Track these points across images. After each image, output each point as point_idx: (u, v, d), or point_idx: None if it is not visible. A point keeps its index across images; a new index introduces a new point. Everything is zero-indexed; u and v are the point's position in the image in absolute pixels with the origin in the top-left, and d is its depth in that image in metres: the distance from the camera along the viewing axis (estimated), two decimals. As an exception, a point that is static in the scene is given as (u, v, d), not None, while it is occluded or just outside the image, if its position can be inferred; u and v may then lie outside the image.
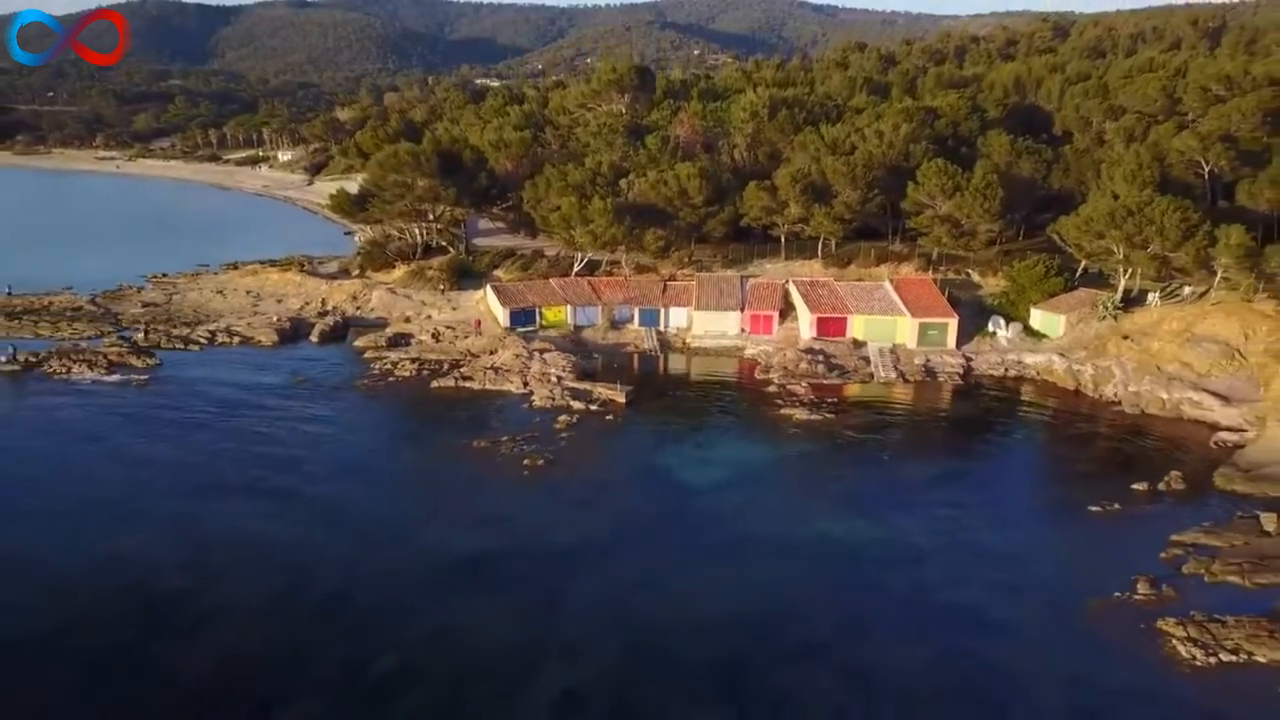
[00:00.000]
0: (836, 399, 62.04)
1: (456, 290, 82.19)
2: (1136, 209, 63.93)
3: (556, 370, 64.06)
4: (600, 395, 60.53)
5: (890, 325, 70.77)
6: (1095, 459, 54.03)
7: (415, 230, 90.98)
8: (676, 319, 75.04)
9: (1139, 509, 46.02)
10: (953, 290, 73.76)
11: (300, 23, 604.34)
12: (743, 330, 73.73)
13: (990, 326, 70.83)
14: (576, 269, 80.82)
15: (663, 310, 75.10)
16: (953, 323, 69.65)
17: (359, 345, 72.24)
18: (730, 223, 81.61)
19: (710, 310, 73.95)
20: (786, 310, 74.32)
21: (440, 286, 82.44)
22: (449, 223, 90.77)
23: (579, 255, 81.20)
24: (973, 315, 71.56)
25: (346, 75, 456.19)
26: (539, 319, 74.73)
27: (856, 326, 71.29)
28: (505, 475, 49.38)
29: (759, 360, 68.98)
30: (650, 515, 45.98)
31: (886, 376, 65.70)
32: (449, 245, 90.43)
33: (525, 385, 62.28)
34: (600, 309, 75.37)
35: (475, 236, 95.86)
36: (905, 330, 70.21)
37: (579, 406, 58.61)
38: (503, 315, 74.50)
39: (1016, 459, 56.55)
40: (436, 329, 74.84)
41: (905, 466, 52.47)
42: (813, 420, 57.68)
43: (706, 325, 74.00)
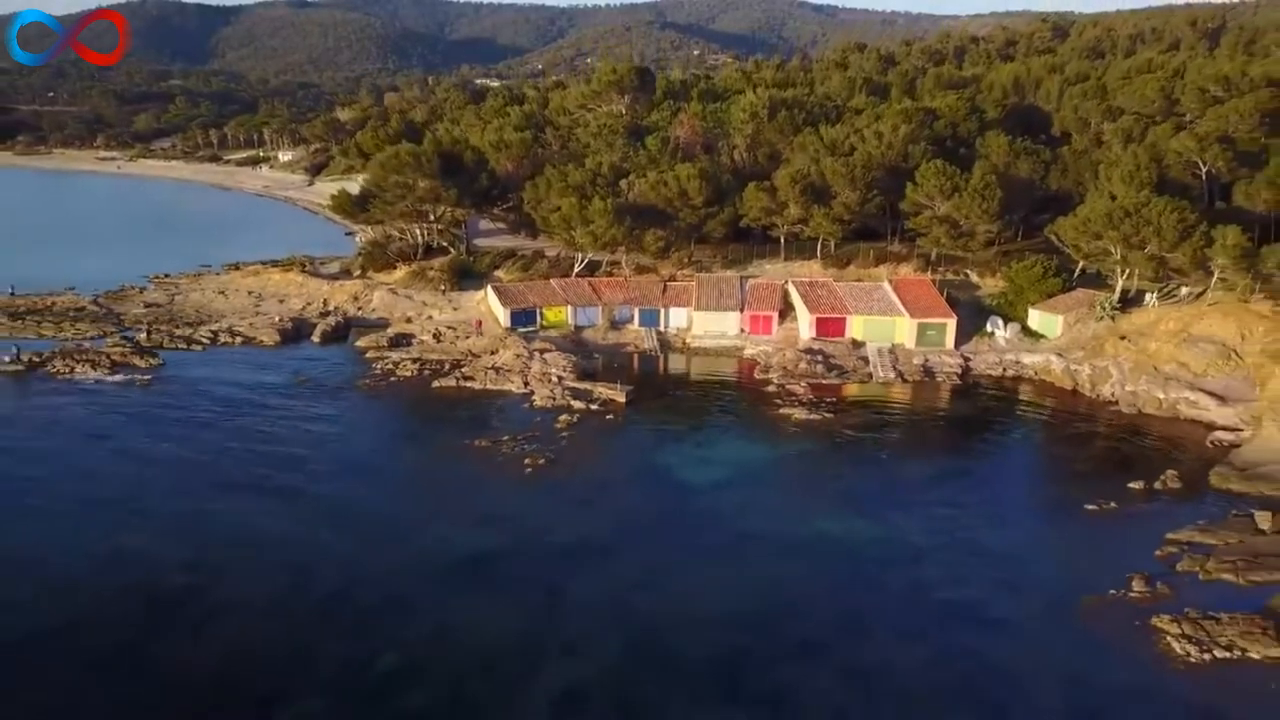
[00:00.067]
0: (835, 399, 62.39)
1: (457, 291, 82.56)
2: (1134, 210, 64.20)
3: (557, 370, 64.43)
4: (601, 395, 60.89)
5: (889, 325, 71.12)
6: (1092, 458, 54.38)
7: (416, 231, 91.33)
8: (676, 319, 75.38)
9: (1135, 508, 46.37)
10: (951, 291, 74.14)
11: (300, 23, 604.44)
12: (742, 330, 74.07)
13: (988, 327, 71.17)
14: (577, 269, 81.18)
15: (663, 310, 75.44)
16: (951, 323, 70.02)
17: (360, 345, 72.58)
18: (730, 223, 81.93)
19: (710, 310, 74.31)
20: (786, 310, 74.67)
21: (441, 287, 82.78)
22: (450, 223, 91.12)
23: (579, 256, 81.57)
24: (971, 315, 71.92)
25: (347, 75, 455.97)
26: (539, 319, 75.09)
27: (855, 327, 71.64)
28: (506, 474, 49.75)
29: (758, 360, 69.33)
30: (650, 514, 46.35)
31: (885, 376, 66.06)
32: (450, 246, 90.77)
33: (526, 385, 62.64)
34: (600, 309, 75.73)
35: (476, 237, 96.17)
36: (904, 330, 70.55)
37: (579, 406, 58.98)
38: (503, 315, 74.87)
39: (1014, 458, 56.93)
40: (438, 329, 75.20)
41: (904, 466, 52.89)
42: (812, 420, 58.05)
43: (706, 325, 74.36)
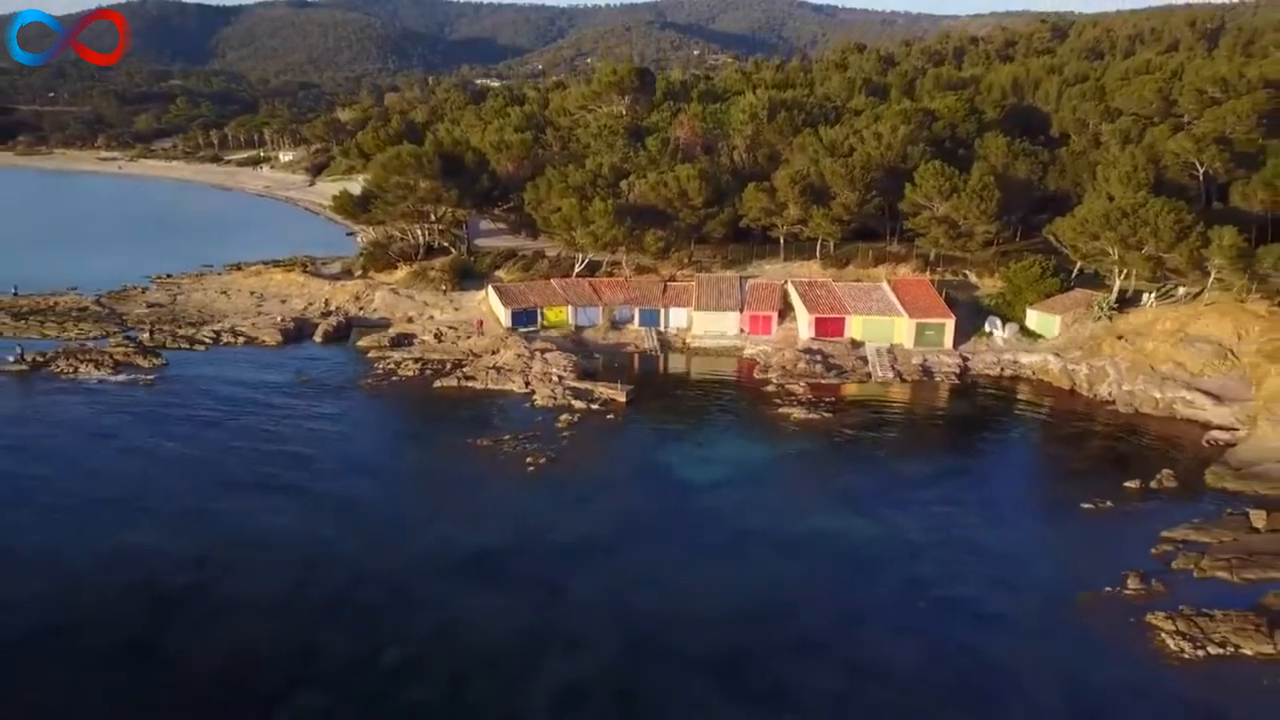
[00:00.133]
0: (834, 398, 62.78)
1: (458, 291, 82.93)
2: (1131, 210, 64.55)
3: (558, 370, 64.82)
4: (601, 395, 61.28)
5: (888, 325, 71.50)
6: (1089, 457, 54.85)
7: (417, 231, 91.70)
8: (676, 319, 75.76)
9: (1131, 506, 46.78)
10: (950, 291, 74.52)
11: (300, 23, 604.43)
12: (742, 330, 74.45)
13: (987, 327, 71.57)
14: (577, 270, 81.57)
15: (663, 311, 75.82)
16: (949, 323, 70.41)
17: (362, 345, 72.95)
18: (730, 224, 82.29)
19: (710, 311, 74.70)
20: (785, 311, 75.06)
21: (442, 287, 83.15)
22: (451, 224, 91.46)
23: (580, 256, 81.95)
24: (969, 316, 72.30)
25: (347, 75, 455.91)
26: (540, 319, 75.47)
27: (854, 327, 72.01)
28: (508, 473, 50.14)
29: (758, 360, 69.71)
30: (651, 512, 46.76)
31: (884, 376, 66.45)
32: (451, 246, 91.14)
33: (527, 385, 63.03)
34: (601, 309, 76.12)
35: (477, 237, 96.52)
36: (902, 330, 70.92)
37: (580, 406, 59.36)
38: (504, 315, 75.25)
39: (1011, 457, 57.34)
40: (439, 329, 75.59)
41: (902, 464, 53.31)
42: (811, 419, 58.44)
43: (706, 325, 74.75)
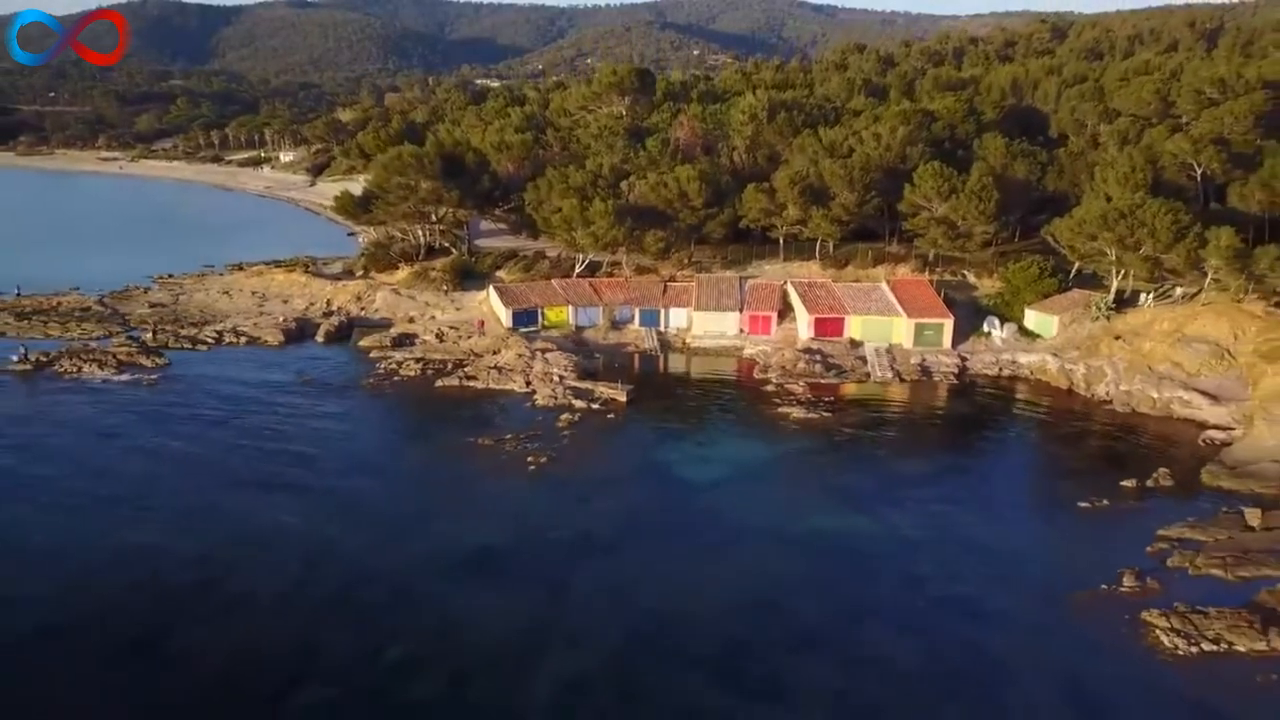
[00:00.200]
0: (833, 398, 63.14)
1: (460, 291, 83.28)
2: (1129, 211, 64.87)
3: (558, 370, 65.18)
4: (602, 394, 61.65)
5: (887, 325, 71.85)
6: (1086, 456, 55.27)
7: (418, 231, 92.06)
8: (676, 319, 76.09)
9: (1127, 504, 47.16)
10: (948, 291, 74.89)
11: (300, 23, 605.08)
12: (742, 330, 74.79)
13: (985, 327, 71.93)
14: (578, 270, 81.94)
15: (663, 311, 76.16)
16: (948, 323, 70.75)
17: (364, 345, 73.31)
18: (729, 224, 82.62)
19: (710, 311, 75.06)
20: (785, 311, 75.41)
21: (444, 287, 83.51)
22: (452, 224, 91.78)
23: (580, 256, 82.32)
24: (968, 316, 72.66)
25: (347, 75, 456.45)
26: (541, 319, 75.82)
27: (854, 327, 72.36)
28: (509, 472, 50.51)
29: (758, 360, 70.07)
30: (651, 511, 47.15)
31: (883, 376, 66.80)
32: (452, 246, 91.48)
33: (528, 384, 63.39)
34: (601, 309, 76.47)
35: (478, 238, 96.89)
36: (901, 330, 71.27)
37: (581, 405, 59.72)
38: (505, 316, 75.60)
39: (1009, 456, 57.69)
40: (440, 329, 75.96)
41: (900, 463, 53.70)
42: (810, 419, 58.81)
43: (706, 325, 75.10)
